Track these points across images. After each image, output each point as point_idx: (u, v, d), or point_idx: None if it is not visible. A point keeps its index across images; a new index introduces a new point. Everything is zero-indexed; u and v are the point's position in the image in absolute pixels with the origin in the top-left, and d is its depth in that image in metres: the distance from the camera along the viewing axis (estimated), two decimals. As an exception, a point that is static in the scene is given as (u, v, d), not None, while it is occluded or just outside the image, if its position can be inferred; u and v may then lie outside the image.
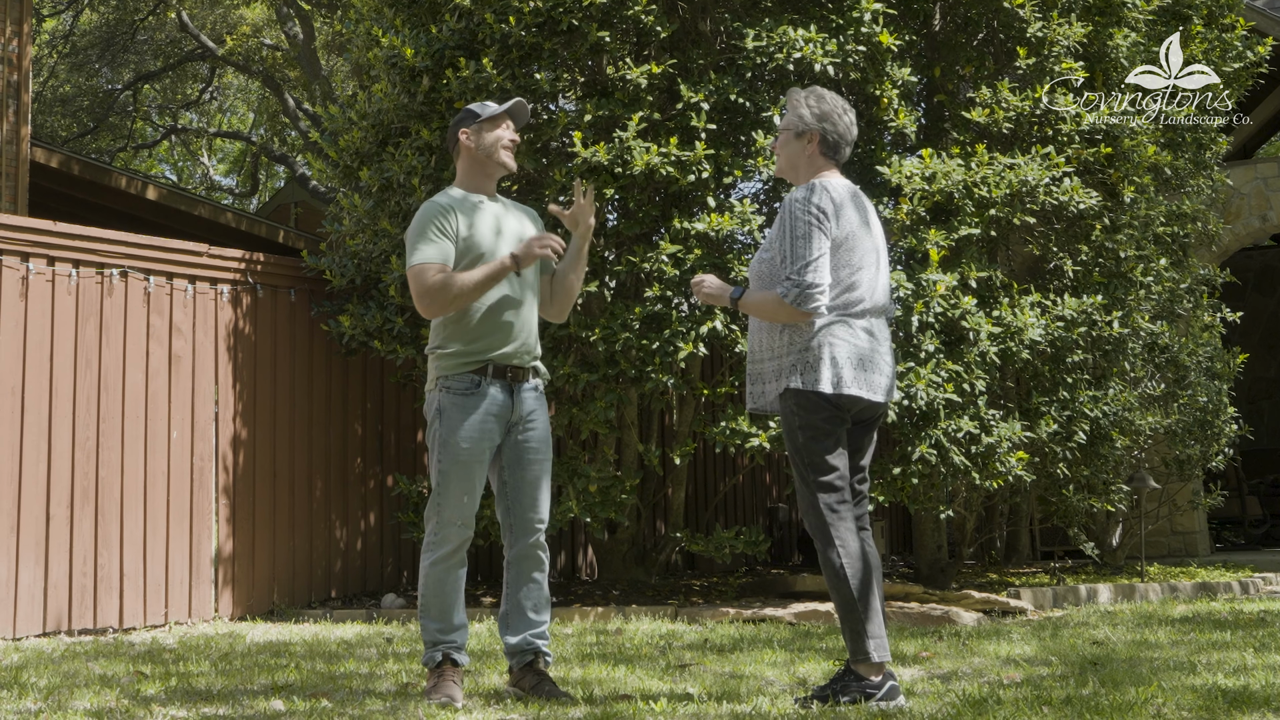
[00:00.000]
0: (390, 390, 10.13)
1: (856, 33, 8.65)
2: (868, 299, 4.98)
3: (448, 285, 5.08)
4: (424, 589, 5.17)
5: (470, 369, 5.15)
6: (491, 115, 5.31)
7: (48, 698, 5.32)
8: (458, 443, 5.10)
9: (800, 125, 5.09)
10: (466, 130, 5.33)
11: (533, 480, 5.22)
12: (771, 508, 13.09)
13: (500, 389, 5.17)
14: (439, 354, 5.21)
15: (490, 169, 5.35)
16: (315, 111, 23.40)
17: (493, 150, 5.31)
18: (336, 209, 9.75)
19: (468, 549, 5.21)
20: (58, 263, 8.43)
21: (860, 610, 4.78)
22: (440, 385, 5.18)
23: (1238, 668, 5.60)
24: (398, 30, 9.12)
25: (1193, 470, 11.72)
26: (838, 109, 5.10)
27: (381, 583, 9.96)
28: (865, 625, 4.78)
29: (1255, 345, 17.52)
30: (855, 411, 4.97)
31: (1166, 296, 10.84)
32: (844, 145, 5.10)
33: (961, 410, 8.65)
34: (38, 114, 25.61)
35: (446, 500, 5.13)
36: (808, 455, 4.90)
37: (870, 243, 5.04)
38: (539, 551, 5.24)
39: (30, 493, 8.13)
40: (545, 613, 5.26)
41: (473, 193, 5.35)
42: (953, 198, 8.75)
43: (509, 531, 5.24)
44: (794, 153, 5.12)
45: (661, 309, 8.51)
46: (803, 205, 4.88)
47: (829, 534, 4.84)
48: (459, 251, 5.17)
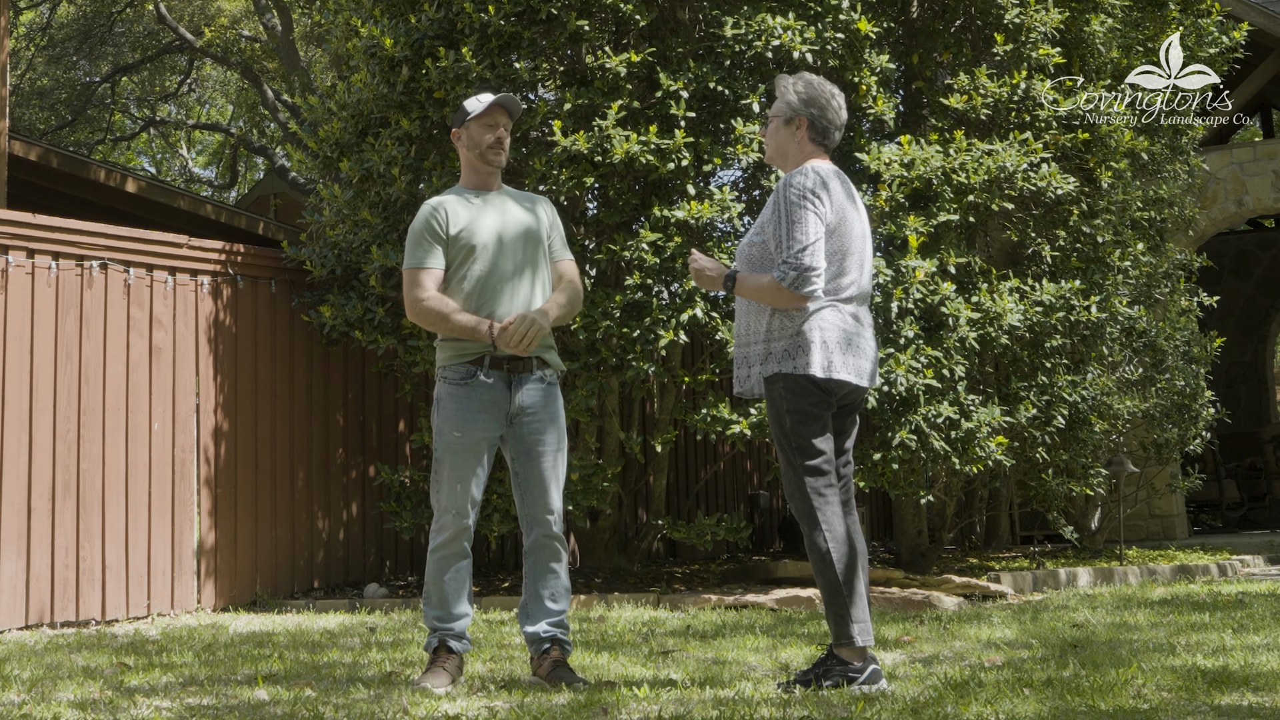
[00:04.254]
0: (371, 380, 10.12)
1: (835, 20, 8.67)
2: (856, 284, 5.00)
3: (430, 311, 5.19)
4: (427, 576, 5.27)
5: (467, 359, 5.20)
6: (477, 114, 5.34)
7: (31, 689, 5.32)
8: (450, 431, 5.17)
9: (788, 112, 5.11)
10: (456, 130, 5.39)
11: (542, 472, 5.26)
12: (753, 495, 13.12)
13: (498, 380, 5.20)
14: (440, 344, 5.29)
15: (479, 167, 5.39)
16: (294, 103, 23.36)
17: (480, 150, 5.36)
18: (316, 200, 9.74)
19: (471, 540, 5.27)
20: (37, 255, 8.40)
21: (845, 594, 4.80)
22: (440, 375, 5.27)
23: (1216, 648, 5.64)
24: (376, 20, 9.11)
25: (1170, 454, 11.78)
26: (825, 94, 5.11)
27: (364, 573, 9.96)
28: (850, 609, 4.80)
29: (1232, 330, 17.62)
30: (841, 396, 5.00)
31: (1144, 281, 10.89)
32: (833, 130, 5.12)
33: (941, 396, 8.68)
34: (15, 107, 25.49)
35: (443, 488, 5.20)
36: (795, 439, 4.91)
37: (858, 228, 5.06)
38: (554, 542, 5.29)
39: (11, 485, 8.11)
40: (564, 601, 5.31)
41: (472, 189, 5.39)
42: (931, 184, 8.78)
43: (525, 522, 5.31)
44: (783, 139, 5.14)
45: (642, 297, 8.52)
46: (798, 190, 4.88)
47: (815, 517, 4.86)
48: (454, 249, 5.23)
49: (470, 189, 5.40)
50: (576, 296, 5.41)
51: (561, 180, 8.48)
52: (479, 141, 5.35)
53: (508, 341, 5.10)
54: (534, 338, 5.11)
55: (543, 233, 5.40)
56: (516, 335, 5.09)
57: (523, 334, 5.09)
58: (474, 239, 5.23)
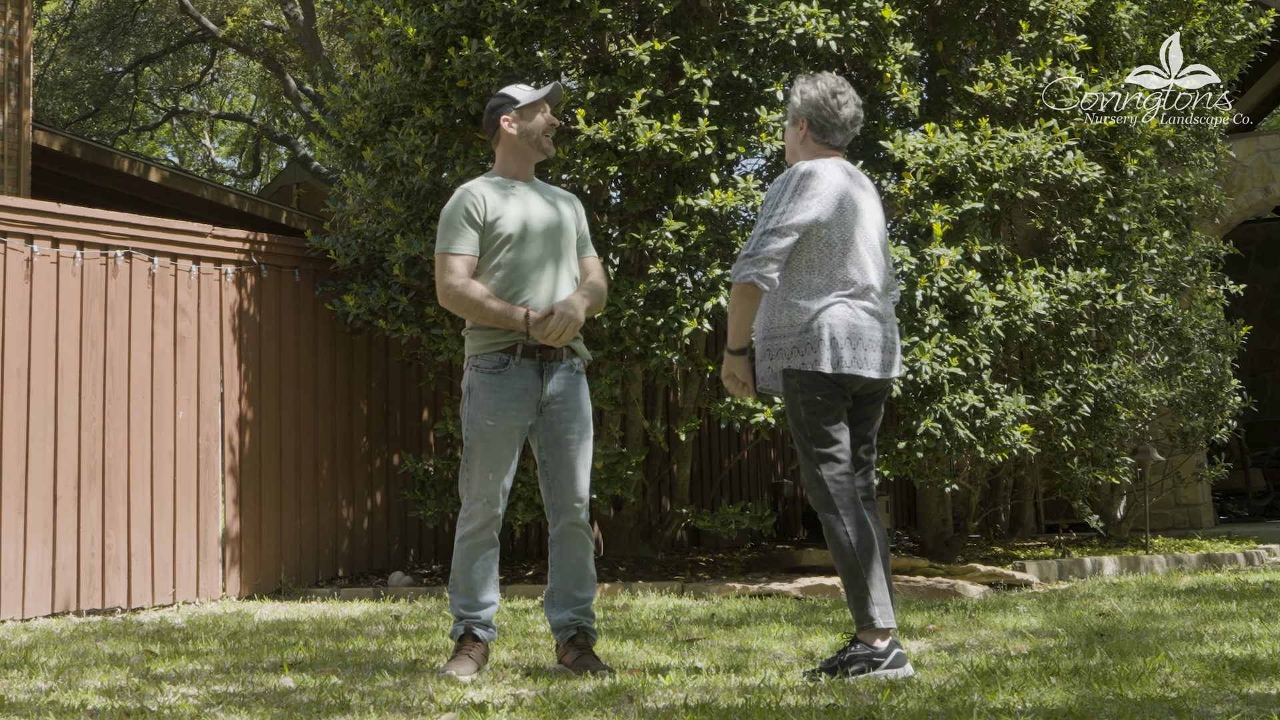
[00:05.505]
0: (395, 369, 10.14)
1: (859, 7, 8.64)
2: (863, 278, 5.00)
3: (463, 298, 5.18)
4: (454, 564, 5.28)
5: (499, 348, 5.21)
6: (531, 101, 5.35)
7: (58, 677, 5.35)
8: (483, 420, 5.18)
9: (792, 113, 5.21)
10: (508, 117, 5.37)
11: (570, 460, 5.28)
12: (776, 483, 13.11)
13: (530, 368, 5.22)
14: (470, 333, 5.30)
15: (530, 154, 5.41)
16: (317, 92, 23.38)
17: (535, 137, 5.38)
18: (340, 189, 9.75)
19: (500, 529, 5.29)
20: (62, 244, 8.44)
21: (864, 577, 4.82)
22: (471, 364, 5.28)
23: (1244, 637, 5.62)
24: (399, 9, 9.11)
25: (1196, 442, 11.72)
26: (827, 93, 5.14)
27: (389, 561, 9.99)
28: (869, 592, 4.82)
29: (1258, 318, 17.50)
30: (858, 389, 5.02)
31: (1170, 269, 10.84)
32: (833, 130, 5.14)
33: (966, 384, 8.66)
34: (39, 97, 25.58)
35: (472, 476, 5.21)
36: (810, 429, 4.95)
37: (868, 218, 5.07)
38: (581, 529, 5.30)
39: (37, 474, 8.15)
40: (590, 590, 5.33)
41: (510, 178, 5.41)
42: (956, 172, 8.75)
43: (551, 510, 5.33)
44: (791, 138, 5.25)
45: (665, 286, 8.52)
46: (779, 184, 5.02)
47: (833, 505, 4.89)
48: (489, 237, 5.24)
49: (508, 176, 5.41)
50: (601, 293, 5.43)
51: (585, 169, 8.47)
52: (532, 128, 5.37)
53: (545, 333, 5.12)
54: (571, 332, 5.16)
55: (574, 227, 5.43)
56: (556, 329, 5.12)
57: (561, 329, 5.12)
58: (510, 226, 5.25)
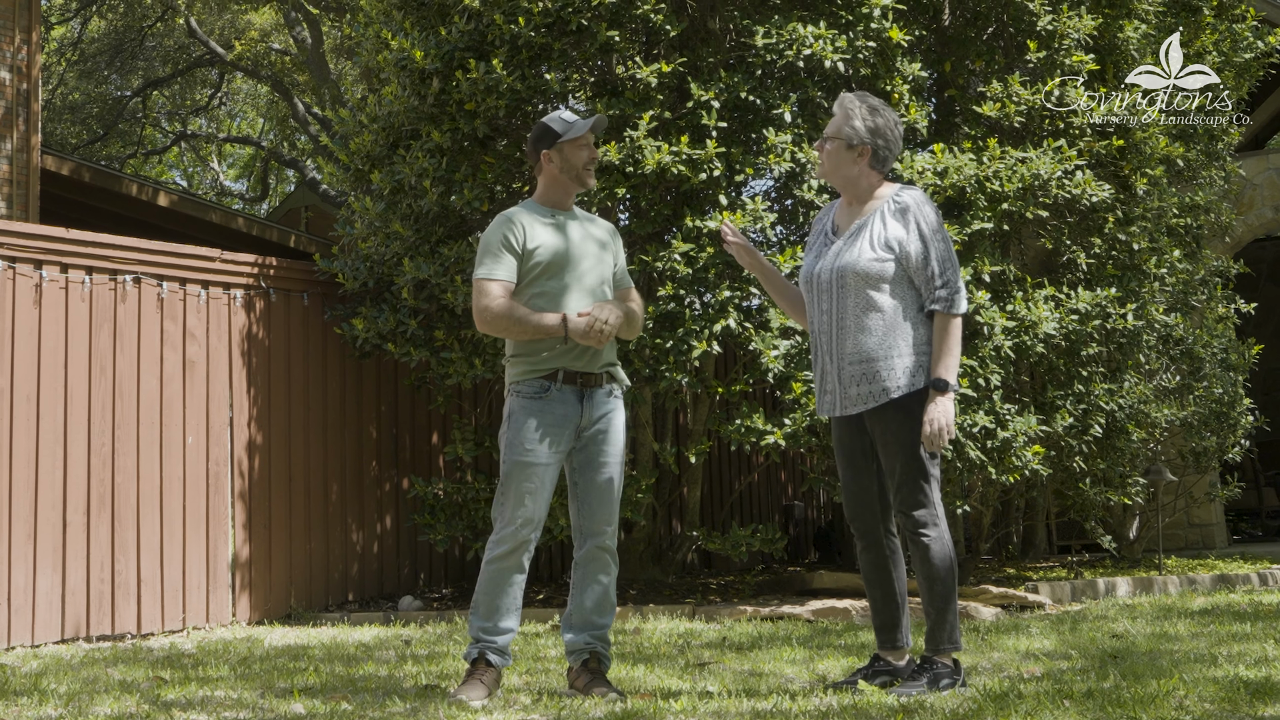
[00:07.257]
0: (404, 393, 10.13)
1: (866, 28, 8.64)
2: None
3: (503, 316, 5.19)
4: (479, 585, 5.26)
5: (540, 374, 5.22)
6: (574, 136, 5.35)
7: (68, 704, 5.33)
8: (522, 444, 5.18)
9: (854, 138, 5.13)
10: (548, 152, 5.37)
11: (603, 485, 5.29)
12: (787, 505, 13.07)
13: (571, 394, 5.23)
14: (511, 360, 5.31)
15: (571, 187, 5.42)
16: (325, 115, 23.44)
17: (577, 171, 5.39)
18: (348, 212, 9.75)
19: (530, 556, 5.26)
20: (71, 270, 8.44)
21: (956, 598, 5.05)
22: (512, 389, 5.29)
23: (1259, 659, 5.58)
24: (407, 33, 9.12)
25: (1209, 462, 11.68)
26: (892, 122, 5.17)
27: (399, 585, 9.96)
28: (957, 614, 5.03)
29: (1269, 336, 17.43)
30: None
31: (1180, 288, 10.80)
32: (892, 159, 5.20)
33: (977, 405, 8.63)
34: (47, 122, 25.66)
35: (506, 501, 5.20)
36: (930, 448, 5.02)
37: None
38: (607, 554, 5.31)
39: (46, 500, 8.14)
40: (608, 616, 5.32)
41: (550, 207, 5.41)
42: (965, 192, 8.73)
43: (578, 534, 5.32)
44: (844, 163, 5.16)
45: (675, 308, 8.51)
46: (934, 209, 5.06)
47: (942, 525, 5.03)
48: (527, 265, 5.25)
49: (548, 205, 5.42)
50: (637, 318, 5.44)
51: (593, 191, 8.47)
52: (575, 162, 5.37)
53: (585, 330, 5.12)
54: (608, 336, 5.15)
55: (611, 258, 5.45)
56: (596, 326, 5.11)
57: (599, 329, 5.11)
58: (548, 255, 5.26)
